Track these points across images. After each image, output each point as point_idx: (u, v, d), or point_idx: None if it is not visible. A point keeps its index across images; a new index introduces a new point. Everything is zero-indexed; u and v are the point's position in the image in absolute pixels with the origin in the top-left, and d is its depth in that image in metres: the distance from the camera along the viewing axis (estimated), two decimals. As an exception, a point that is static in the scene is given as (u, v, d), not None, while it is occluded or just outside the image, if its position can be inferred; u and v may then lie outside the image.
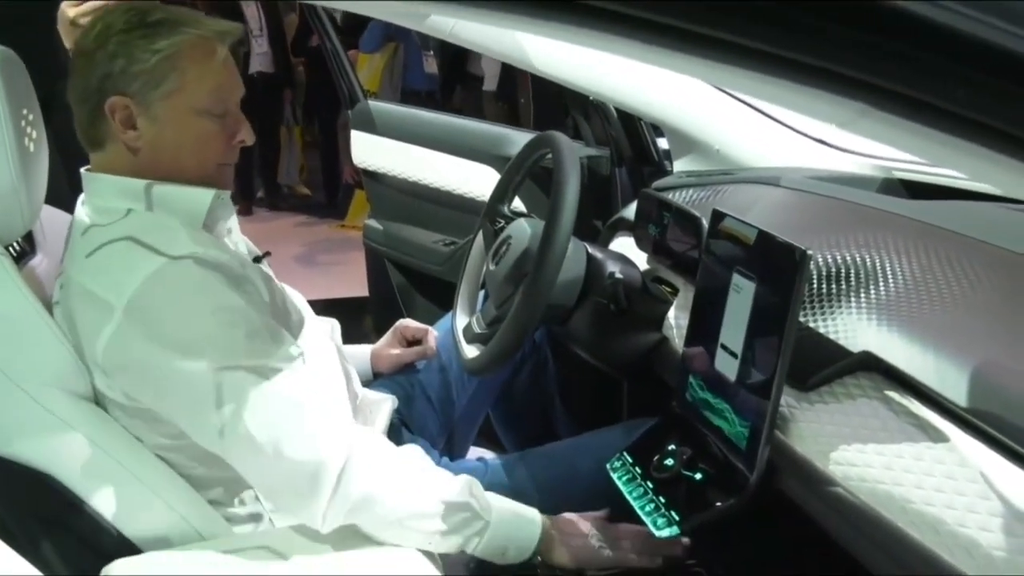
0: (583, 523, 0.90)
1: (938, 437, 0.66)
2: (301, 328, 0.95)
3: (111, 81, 0.84)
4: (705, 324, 0.87)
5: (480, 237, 1.23)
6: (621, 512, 0.91)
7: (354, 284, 2.44)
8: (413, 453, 0.88)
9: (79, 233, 0.87)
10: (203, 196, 0.87)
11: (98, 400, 0.85)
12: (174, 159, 0.86)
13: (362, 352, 1.26)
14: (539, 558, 0.89)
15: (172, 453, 0.85)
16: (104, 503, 0.80)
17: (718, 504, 0.80)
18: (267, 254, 0.95)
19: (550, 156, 1.05)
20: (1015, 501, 0.59)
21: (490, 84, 3.75)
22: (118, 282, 0.81)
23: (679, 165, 1.49)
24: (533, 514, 0.88)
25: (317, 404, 0.81)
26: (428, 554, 0.84)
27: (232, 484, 0.87)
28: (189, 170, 0.87)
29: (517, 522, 0.86)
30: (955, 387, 0.67)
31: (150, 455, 0.84)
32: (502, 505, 0.86)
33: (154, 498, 0.81)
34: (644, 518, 0.85)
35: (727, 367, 0.82)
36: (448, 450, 1.27)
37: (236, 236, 0.96)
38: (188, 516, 0.83)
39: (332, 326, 1.13)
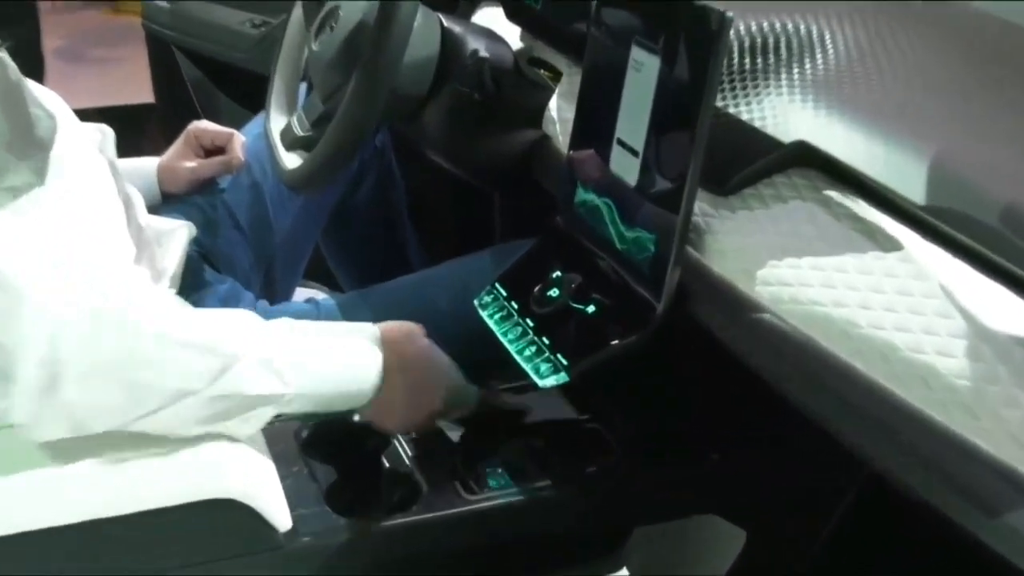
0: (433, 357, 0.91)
1: (889, 244, 0.63)
2: (51, 138, 0.84)
3: None
4: (596, 116, 0.84)
5: (299, 11, 1.15)
6: (492, 359, 0.90)
7: (136, 86, 2.34)
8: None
9: None
10: None
11: None
12: None
13: (145, 167, 1.19)
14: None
15: None
16: None
17: (616, 342, 0.79)
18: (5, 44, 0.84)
19: None
20: (982, 318, 0.56)
21: None
22: None
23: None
24: (368, 358, 0.84)
25: (57, 252, 0.73)
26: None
27: None
28: None
29: (343, 377, 0.82)
30: (910, 181, 0.64)
31: None
32: (319, 365, 0.81)
33: None
34: (523, 365, 0.85)
35: (626, 169, 0.80)
36: (267, 291, 1.25)
37: None
38: None
39: (103, 134, 1.06)
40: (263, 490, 0.81)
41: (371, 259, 1.46)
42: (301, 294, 1.37)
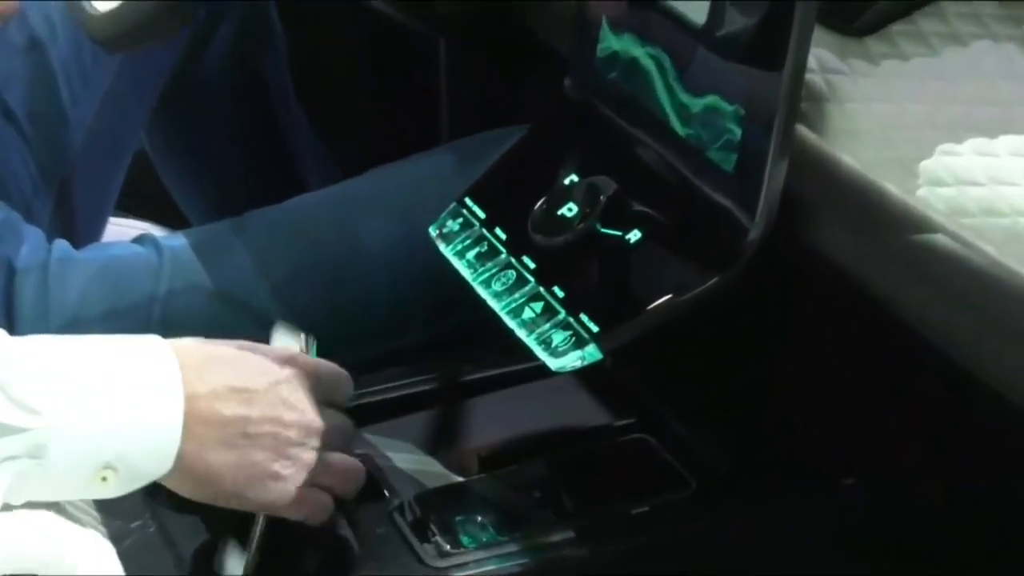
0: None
1: None
2: None
3: None
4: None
5: None
6: (462, 325, 0.92)
7: None
8: None
9: None
10: None
11: None
12: None
13: None
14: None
15: None
16: None
17: (679, 291, 0.78)
18: None
19: None
20: None
21: None
22: None
23: None
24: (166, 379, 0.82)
25: None
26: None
27: None
28: None
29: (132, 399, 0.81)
30: None
31: None
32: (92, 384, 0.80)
33: None
34: (521, 334, 0.82)
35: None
36: (64, 226, 1.23)
37: None
38: None
39: None
40: (82, 561, 0.80)
41: (236, 169, 1.45)
42: (124, 231, 1.34)
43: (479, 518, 0.91)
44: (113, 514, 0.86)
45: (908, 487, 0.95)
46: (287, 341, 0.91)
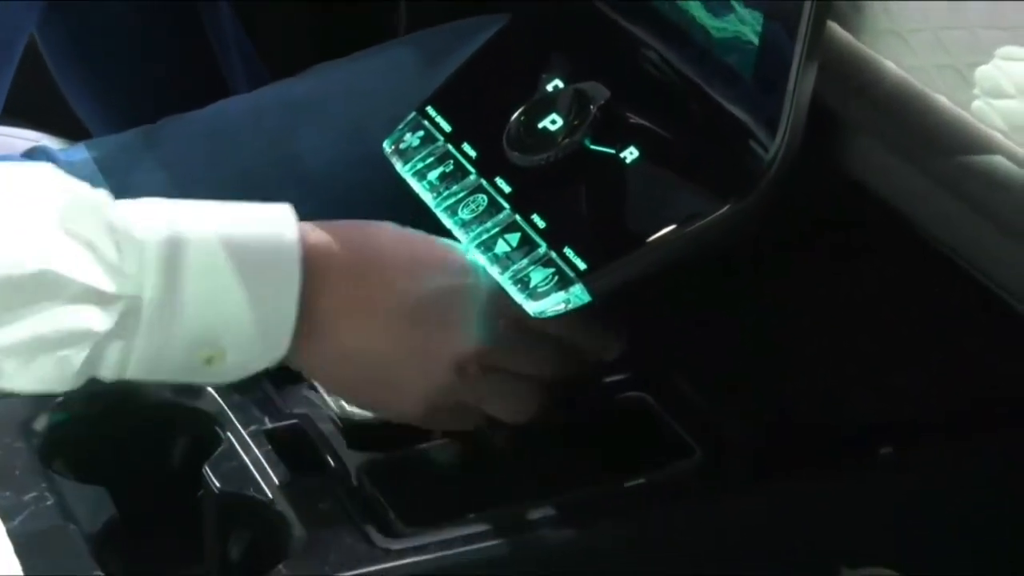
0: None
1: None
2: None
3: None
4: None
5: None
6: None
7: None
8: None
9: None
10: None
11: None
12: None
13: None
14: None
15: None
16: None
17: (685, 221, 0.79)
18: None
19: None
20: None
21: None
22: None
23: None
24: (287, 246, 0.88)
25: None
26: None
27: None
28: None
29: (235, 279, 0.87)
30: None
31: None
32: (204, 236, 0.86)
33: None
34: (493, 271, 0.84)
35: None
36: None
37: None
38: None
39: None
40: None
41: (147, 70, 1.46)
42: (12, 143, 1.35)
43: (441, 492, 0.91)
44: (3, 485, 0.88)
45: (957, 460, 0.95)
46: None
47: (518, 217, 0.85)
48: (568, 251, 0.82)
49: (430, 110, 0.92)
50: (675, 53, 0.84)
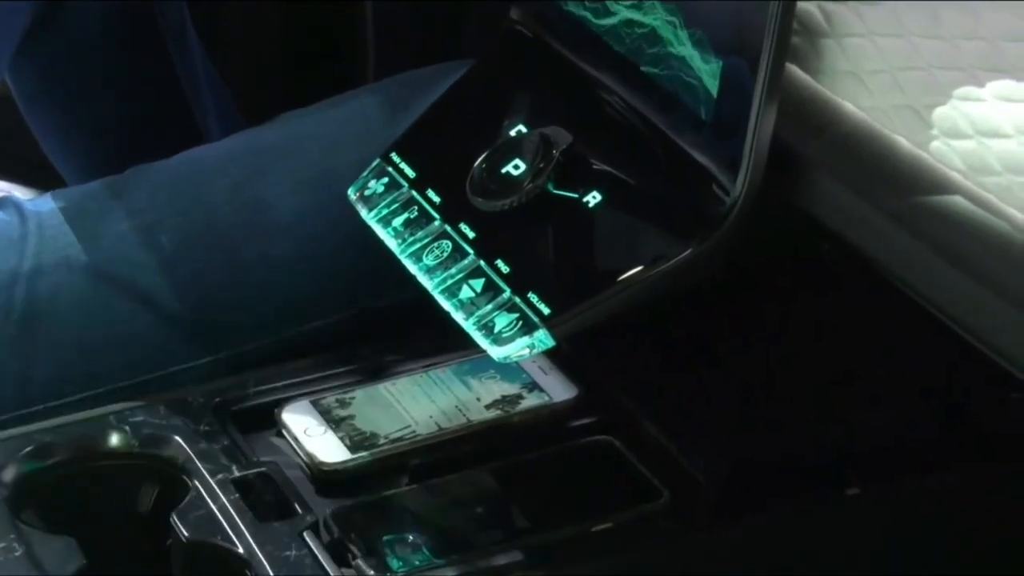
0: None
1: None
2: None
3: None
4: None
5: None
6: (386, 305, 0.92)
7: None
8: None
9: None
10: None
11: None
12: None
13: None
14: None
15: None
16: None
17: (649, 264, 0.79)
18: None
19: None
20: None
21: None
22: None
23: None
24: None
25: None
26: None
27: None
28: None
29: None
30: None
31: None
32: None
33: None
34: (457, 317, 0.83)
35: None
36: None
37: None
38: None
39: None
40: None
41: (119, 117, 1.45)
42: None
43: (410, 537, 0.91)
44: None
45: (922, 498, 0.95)
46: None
47: (482, 262, 0.85)
48: (532, 296, 0.82)
49: (394, 156, 0.92)
50: (636, 97, 0.84)
